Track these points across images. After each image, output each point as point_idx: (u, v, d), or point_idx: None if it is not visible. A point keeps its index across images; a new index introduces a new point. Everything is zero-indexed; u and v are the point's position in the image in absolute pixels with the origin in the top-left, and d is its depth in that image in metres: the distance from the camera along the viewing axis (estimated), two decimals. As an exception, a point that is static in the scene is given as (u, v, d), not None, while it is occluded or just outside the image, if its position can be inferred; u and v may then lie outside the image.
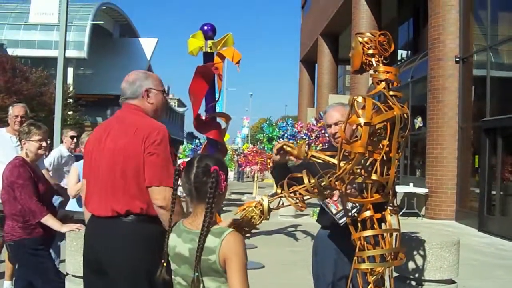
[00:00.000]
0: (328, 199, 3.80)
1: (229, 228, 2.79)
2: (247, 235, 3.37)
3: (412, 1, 23.66)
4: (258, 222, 3.49)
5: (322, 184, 3.23)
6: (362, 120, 3.15)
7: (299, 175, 3.42)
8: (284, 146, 3.73)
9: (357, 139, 3.23)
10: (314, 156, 3.66)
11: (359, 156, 3.14)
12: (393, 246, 3.48)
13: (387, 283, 3.61)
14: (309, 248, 4.56)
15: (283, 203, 3.69)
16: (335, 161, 3.53)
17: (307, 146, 3.72)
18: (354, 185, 3.42)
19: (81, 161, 6.79)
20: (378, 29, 21.92)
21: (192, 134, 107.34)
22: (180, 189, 2.93)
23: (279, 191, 3.44)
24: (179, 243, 2.83)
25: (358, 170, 3.25)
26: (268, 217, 3.50)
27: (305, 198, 3.38)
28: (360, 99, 3.26)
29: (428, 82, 17.72)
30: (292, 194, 3.39)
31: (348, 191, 3.38)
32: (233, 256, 2.67)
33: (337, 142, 4.11)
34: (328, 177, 3.22)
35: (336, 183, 3.22)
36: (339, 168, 3.20)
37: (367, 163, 3.28)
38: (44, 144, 5.29)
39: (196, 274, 2.69)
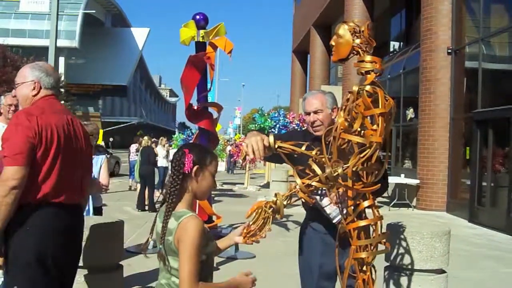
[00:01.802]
0: (325, 199, 3.78)
1: (190, 212, 2.84)
2: (261, 238, 3.21)
3: (404, -8, 23.68)
4: (271, 225, 3.33)
5: (335, 174, 3.20)
6: (378, 111, 3.16)
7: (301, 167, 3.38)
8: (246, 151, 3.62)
9: (352, 129, 3.24)
10: (281, 147, 3.60)
11: (377, 145, 3.15)
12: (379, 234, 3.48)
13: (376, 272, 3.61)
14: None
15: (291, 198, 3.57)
16: (301, 150, 3.52)
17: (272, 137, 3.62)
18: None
19: None
20: (370, 20, 21.97)
21: (184, 124, 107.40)
22: None
23: (292, 186, 3.36)
24: (158, 222, 2.96)
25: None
26: (283, 215, 3.40)
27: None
28: (368, 88, 3.26)
29: (420, 73, 17.74)
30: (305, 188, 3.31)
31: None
32: (185, 240, 2.72)
33: (316, 131, 4.09)
34: (343, 167, 3.20)
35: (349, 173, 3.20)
36: (354, 157, 3.19)
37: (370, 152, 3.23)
38: None
39: (160, 247, 2.86)
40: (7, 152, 3.54)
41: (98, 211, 6.74)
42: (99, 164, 6.67)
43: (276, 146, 3.54)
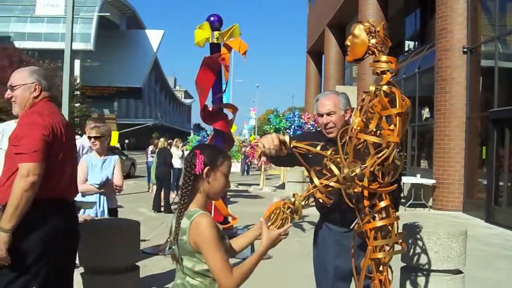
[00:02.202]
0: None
1: (200, 211, 2.85)
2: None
3: (419, -9, 23.57)
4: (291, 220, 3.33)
5: (353, 174, 3.19)
6: (396, 111, 3.15)
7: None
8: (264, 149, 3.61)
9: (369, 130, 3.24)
10: (296, 147, 3.59)
11: (395, 145, 3.14)
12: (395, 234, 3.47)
13: (393, 273, 3.60)
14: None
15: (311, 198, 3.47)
16: (316, 150, 3.51)
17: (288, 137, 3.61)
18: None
19: (92, 154, 6.80)
20: (385, 20, 21.86)
21: (199, 125, 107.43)
22: None
23: (310, 186, 3.34)
24: (173, 223, 2.96)
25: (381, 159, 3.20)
26: (301, 216, 3.37)
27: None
28: (385, 87, 3.25)
29: (435, 73, 17.65)
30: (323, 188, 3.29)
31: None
32: (203, 238, 2.75)
33: (329, 133, 4.07)
34: (361, 167, 3.19)
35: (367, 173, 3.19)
36: (371, 158, 3.18)
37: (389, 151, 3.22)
38: None
39: (173, 247, 2.92)
40: (24, 149, 3.67)
41: (113, 212, 6.76)
42: (112, 165, 6.68)
43: (292, 145, 3.54)
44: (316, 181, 3.26)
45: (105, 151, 6.83)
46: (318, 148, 3.52)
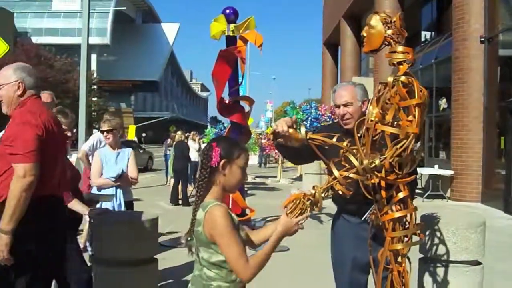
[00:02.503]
0: None
1: (215, 201, 2.87)
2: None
3: (435, -19, 23.40)
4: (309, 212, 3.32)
5: (372, 166, 3.19)
6: (415, 101, 3.15)
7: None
8: (278, 129, 3.62)
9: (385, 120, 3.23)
10: (313, 139, 3.58)
11: (414, 136, 3.14)
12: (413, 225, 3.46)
13: (411, 264, 3.60)
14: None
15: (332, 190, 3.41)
16: (332, 142, 3.50)
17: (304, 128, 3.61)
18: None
19: (105, 148, 6.84)
20: (401, 10, 21.72)
21: (216, 118, 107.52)
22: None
23: (330, 178, 3.34)
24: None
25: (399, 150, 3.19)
26: (321, 208, 3.37)
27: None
28: (403, 78, 3.24)
29: (452, 63, 17.54)
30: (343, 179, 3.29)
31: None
32: (217, 228, 2.77)
33: (346, 124, 4.06)
34: (380, 159, 3.19)
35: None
36: (390, 149, 3.18)
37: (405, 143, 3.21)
38: (69, 134, 5.32)
39: (191, 240, 2.95)
40: (19, 149, 3.69)
41: (129, 205, 6.80)
42: (126, 158, 6.72)
43: (308, 137, 3.54)
44: (336, 172, 3.25)
45: (119, 144, 6.86)
46: (334, 139, 3.52)
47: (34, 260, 3.85)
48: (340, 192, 3.25)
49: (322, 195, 3.19)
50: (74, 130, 5.65)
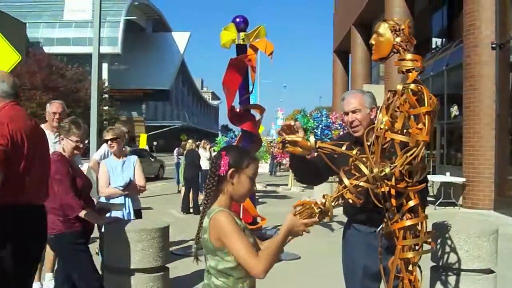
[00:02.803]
0: None
1: (218, 208, 2.88)
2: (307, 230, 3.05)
3: (446, -13, 23.36)
4: (318, 220, 3.29)
5: (382, 174, 3.18)
6: (425, 109, 3.14)
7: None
8: (287, 138, 3.66)
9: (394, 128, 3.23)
10: (322, 147, 3.59)
11: (424, 144, 3.13)
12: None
13: (423, 272, 3.58)
14: (345, 239, 4.54)
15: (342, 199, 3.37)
16: (341, 150, 3.50)
17: (314, 137, 3.63)
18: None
19: (111, 157, 6.86)
20: (411, 17, 21.69)
21: (227, 126, 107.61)
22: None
23: (340, 187, 3.31)
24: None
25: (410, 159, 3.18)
26: (333, 217, 3.34)
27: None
28: (413, 86, 3.23)
29: (463, 69, 17.46)
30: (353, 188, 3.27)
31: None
32: (223, 230, 2.78)
33: (354, 132, 4.06)
34: (390, 167, 3.18)
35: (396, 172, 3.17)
36: (400, 157, 3.17)
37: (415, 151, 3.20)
38: (80, 145, 5.34)
39: (195, 246, 3.02)
40: None
41: (138, 213, 6.81)
42: (132, 166, 6.73)
43: (317, 146, 3.54)
44: (346, 181, 3.24)
45: (123, 152, 6.88)
46: (343, 148, 3.51)
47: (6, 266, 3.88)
48: (351, 201, 3.24)
49: (333, 203, 3.18)
50: (86, 141, 5.65)
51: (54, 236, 5.13)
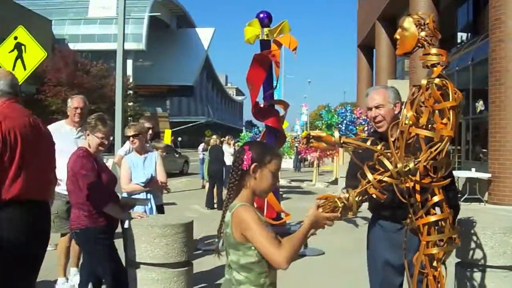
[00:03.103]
0: None
1: (240, 202, 2.87)
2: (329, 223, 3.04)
3: (471, -19, 23.14)
4: (341, 215, 3.28)
5: (406, 169, 3.17)
6: (449, 104, 3.12)
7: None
8: (312, 133, 3.68)
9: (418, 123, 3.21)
10: (346, 143, 3.59)
11: (449, 139, 3.11)
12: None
13: (448, 268, 3.56)
14: (370, 234, 4.53)
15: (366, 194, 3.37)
16: (366, 145, 3.49)
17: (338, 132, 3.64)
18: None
19: (132, 154, 6.90)
20: (436, 11, 21.50)
21: (251, 122, 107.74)
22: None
23: (364, 182, 3.31)
24: None
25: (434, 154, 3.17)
26: (357, 212, 3.33)
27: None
28: (437, 81, 3.22)
29: (489, 64, 17.28)
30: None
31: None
32: (245, 223, 2.77)
33: (378, 127, 4.05)
34: (415, 162, 3.17)
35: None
36: (425, 152, 3.16)
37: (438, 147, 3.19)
38: (105, 142, 5.38)
39: (218, 241, 3.01)
40: None
41: (160, 209, 6.84)
42: (153, 162, 6.77)
43: (341, 141, 3.54)
44: (370, 176, 3.23)
45: (145, 148, 6.92)
46: (368, 143, 3.51)
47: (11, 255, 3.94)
48: (374, 196, 3.23)
49: (356, 199, 3.17)
50: (111, 138, 5.70)
51: (79, 231, 5.19)
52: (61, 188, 6.62)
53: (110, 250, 5.23)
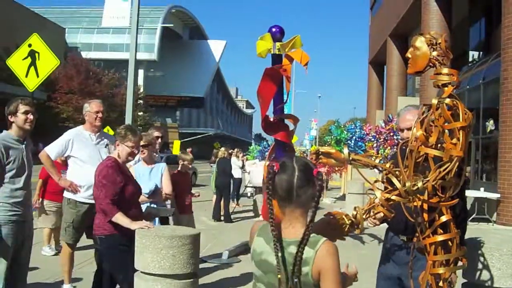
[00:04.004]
0: None
1: (321, 237, 2.58)
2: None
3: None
4: (346, 231, 3.26)
5: (414, 188, 3.17)
6: (459, 124, 3.12)
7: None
8: (321, 149, 3.70)
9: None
10: (355, 160, 3.60)
11: (458, 159, 3.11)
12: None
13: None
14: (376, 251, 4.54)
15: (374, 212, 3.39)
16: (374, 163, 3.50)
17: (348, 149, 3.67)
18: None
19: (139, 164, 6.94)
20: (448, 29, 21.50)
21: (260, 135, 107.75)
22: None
23: (371, 200, 3.33)
24: (266, 250, 2.65)
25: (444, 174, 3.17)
26: (363, 229, 3.32)
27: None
28: (448, 101, 3.22)
29: (500, 84, 17.22)
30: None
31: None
32: (329, 270, 2.51)
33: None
34: (423, 181, 3.17)
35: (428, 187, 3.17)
36: (433, 171, 3.16)
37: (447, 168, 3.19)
38: (135, 151, 5.46)
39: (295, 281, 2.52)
40: None
41: (163, 221, 6.86)
42: (160, 173, 6.79)
43: (350, 158, 3.56)
44: (378, 194, 3.25)
45: (152, 159, 6.94)
46: (377, 161, 3.52)
47: None
48: (382, 214, 3.24)
49: (364, 216, 3.19)
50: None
51: (104, 237, 5.25)
52: (81, 196, 6.65)
53: (131, 257, 5.26)
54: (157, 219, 6.65)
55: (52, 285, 7.44)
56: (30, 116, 5.35)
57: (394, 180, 3.24)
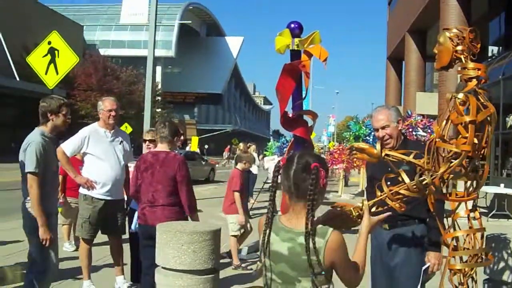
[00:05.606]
0: None
1: (329, 227, 2.72)
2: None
3: (504, -6, 22.93)
4: (352, 224, 3.33)
5: (424, 183, 3.18)
6: (468, 118, 3.12)
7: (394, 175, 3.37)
8: (354, 145, 3.76)
9: (452, 137, 3.23)
10: (388, 155, 3.62)
11: (465, 154, 3.11)
12: (483, 246, 3.42)
13: (474, 284, 3.55)
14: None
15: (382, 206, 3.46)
16: (409, 159, 3.50)
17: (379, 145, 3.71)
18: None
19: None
20: (467, 24, 21.33)
21: (278, 131, 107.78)
22: None
23: (378, 193, 3.36)
24: (276, 241, 2.79)
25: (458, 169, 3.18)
26: None
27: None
28: (461, 95, 3.22)
29: (520, 79, 17.11)
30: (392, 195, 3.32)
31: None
32: (340, 257, 2.69)
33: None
34: (431, 175, 3.17)
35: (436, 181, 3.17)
36: (444, 166, 3.16)
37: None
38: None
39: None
40: None
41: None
42: None
43: (383, 154, 3.59)
44: (385, 188, 3.29)
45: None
46: (411, 156, 3.52)
47: None
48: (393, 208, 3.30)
49: (372, 209, 3.25)
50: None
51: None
52: (97, 192, 6.69)
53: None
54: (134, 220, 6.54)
55: (71, 283, 7.47)
56: (68, 120, 5.50)
57: (403, 175, 3.31)
